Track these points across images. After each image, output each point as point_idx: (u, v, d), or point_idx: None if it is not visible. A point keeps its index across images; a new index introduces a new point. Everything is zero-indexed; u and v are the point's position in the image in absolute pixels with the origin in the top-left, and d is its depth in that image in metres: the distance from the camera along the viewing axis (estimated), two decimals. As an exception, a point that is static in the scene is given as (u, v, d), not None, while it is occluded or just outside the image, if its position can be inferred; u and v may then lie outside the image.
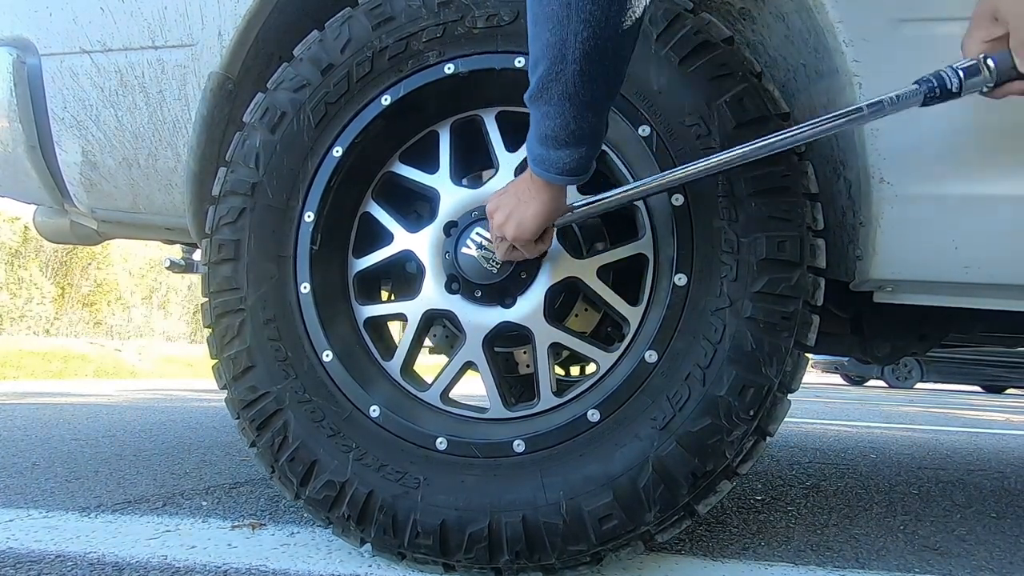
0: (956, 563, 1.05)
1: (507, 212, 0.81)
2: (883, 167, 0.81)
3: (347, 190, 0.98)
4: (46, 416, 2.70)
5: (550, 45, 0.66)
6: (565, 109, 0.69)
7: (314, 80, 0.95)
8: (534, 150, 0.75)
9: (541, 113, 0.71)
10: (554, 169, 0.74)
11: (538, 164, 0.74)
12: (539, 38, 0.67)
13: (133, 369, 7.67)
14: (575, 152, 0.72)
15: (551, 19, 0.64)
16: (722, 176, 0.82)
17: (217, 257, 0.96)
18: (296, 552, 0.97)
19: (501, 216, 0.82)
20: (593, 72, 0.66)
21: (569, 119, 0.70)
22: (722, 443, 0.79)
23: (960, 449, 2.59)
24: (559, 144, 0.72)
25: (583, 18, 0.63)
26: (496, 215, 0.83)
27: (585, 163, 0.74)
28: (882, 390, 9.80)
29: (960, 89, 0.68)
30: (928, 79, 0.70)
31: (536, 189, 0.78)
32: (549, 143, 0.72)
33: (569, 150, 0.72)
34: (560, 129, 0.70)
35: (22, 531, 1.04)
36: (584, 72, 0.66)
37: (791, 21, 0.91)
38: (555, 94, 0.68)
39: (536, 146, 0.74)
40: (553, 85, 0.68)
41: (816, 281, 0.82)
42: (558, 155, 0.73)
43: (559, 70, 0.66)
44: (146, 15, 1.09)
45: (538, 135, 0.73)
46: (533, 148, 0.75)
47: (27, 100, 1.19)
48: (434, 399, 0.96)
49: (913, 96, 0.70)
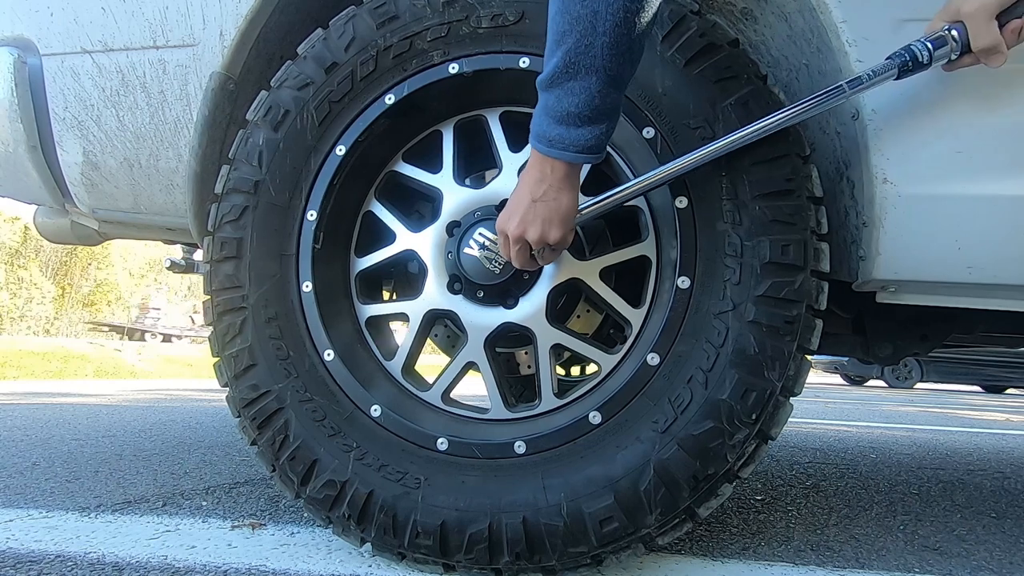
0: (956, 563, 1.05)
1: (528, 217, 0.78)
2: (886, 167, 0.81)
3: (350, 189, 0.98)
4: (46, 416, 2.70)
5: (580, 18, 0.67)
6: (591, 84, 0.70)
7: (318, 78, 0.95)
8: (549, 132, 0.74)
9: (563, 90, 0.71)
10: (574, 148, 0.73)
11: (554, 145, 0.74)
12: (567, 12, 0.68)
13: (133, 369, 7.67)
14: (596, 129, 0.73)
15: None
16: (726, 179, 0.81)
17: (219, 255, 0.96)
18: (296, 552, 0.97)
19: (519, 224, 0.79)
20: (622, 44, 0.69)
21: (594, 94, 0.70)
22: (724, 447, 0.79)
23: (960, 449, 2.59)
24: (581, 121, 0.72)
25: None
26: (511, 226, 0.79)
27: (605, 140, 0.75)
28: (882, 390, 9.81)
29: (930, 60, 0.74)
30: (901, 53, 0.75)
31: (558, 179, 0.76)
32: (571, 121, 0.72)
33: (591, 127, 0.73)
34: (584, 105, 0.71)
35: (22, 531, 1.04)
36: (614, 44, 0.68)
37: (794, 21, 0.91)
38: (582, 68, 0.69)
39: (552, 127, 0.73)
40: (581, 59, 0.69)
41: (819, 285, 0.82)
42: (579, 133, 0.73)
43: (589, 43, 0.68)
44: (147, 15, 1.09)
45: (557, 115, 0.73)
46: (548, 131, 0.74)
47: (28, 100, 1.18)
48: (435, 399, 0.96)
49: (888, 70, 0.75)
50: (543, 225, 0.78)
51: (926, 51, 0.73)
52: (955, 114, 0.80)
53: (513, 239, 0.80)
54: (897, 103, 0.81)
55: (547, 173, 0.77)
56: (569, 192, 0.78)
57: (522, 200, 0.79)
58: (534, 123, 0.76)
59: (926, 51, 0.73)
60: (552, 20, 0.71)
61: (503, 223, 0.81)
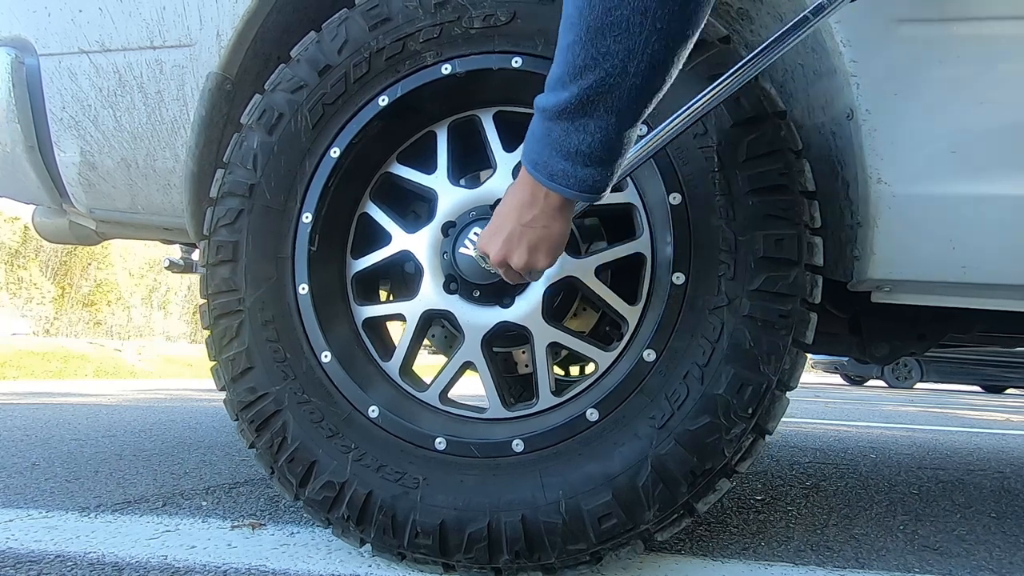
0: (956, 563, 1.05)
1: (513, 241, 0.72)
2: (881, 167, 0.81)
3: (345, 191, 0.98)
4: (46, 416, 2.70)
5: (611, 54, 0.58)
6: (610, 124, 0.62)
7: (311, 81, 0.95)
8: (551, 164, 0.66)
9: (574, 126, 0.63)
10: (578, 187, 0.66)
11: (556, 180, 0.66)
12: (593, 45, 0.59)
13: (133, 369, 7.68)
14: (607, 170, 0.66)
15: (617, 27, 0.57)
16: (719, 175, 0.82)
17: (215, 258, 0.96)
18: (296, 552, 0.97)
19: (502, 247, 0.73)
20: (655, 86, 0.61)
21: (612, 135, 0.63)
22: (721, 441, 0.79)
23: (960, 449, 2.59)
24: (591, 161, 0.64)
25: (660, 28, 0.57)
26: (493, 248, 0.74)
27: (610, 182, 0.68)
28: (882, 390, 9.80)
29: None
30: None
31: (552, 209, 0.70)
32: (580, 159, 0.64)
33: (601, 168, 0.65)
34: (598, 146, 0.63)
35: (22, 531, 1.04)
36: (645, 87, 0.60)
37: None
38: (602, 107, 0.61)
39: (556, 160, 0.65)
40: (603, 99, 0.61)
41: (814, 279, 0.82)
42: (586, 172, 0.65)
43: (616, 83, 0.60)
44: (144, 15, 1.09)
45: (563, 150, 0.64)
46: (549, 162, 0.66)
47: (25, 100, 1.19)
48: (433, 399, 0.96)
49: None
50: (529, 252, 0.72)
51: None
52: (950, 114, 0.80)
53: (495, 262, 0.75)
54: (892, 103, 0.81)
55: (539, 199, 0.70)
56: (563, 222, 0.72)
57: (507, 221, 0.72)
58: (530, 147, 0.68)
59: None
60: (569, 47, 0.61)
61: (485, 243, 0.75)
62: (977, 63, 0.78)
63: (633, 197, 0.91)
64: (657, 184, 0.85)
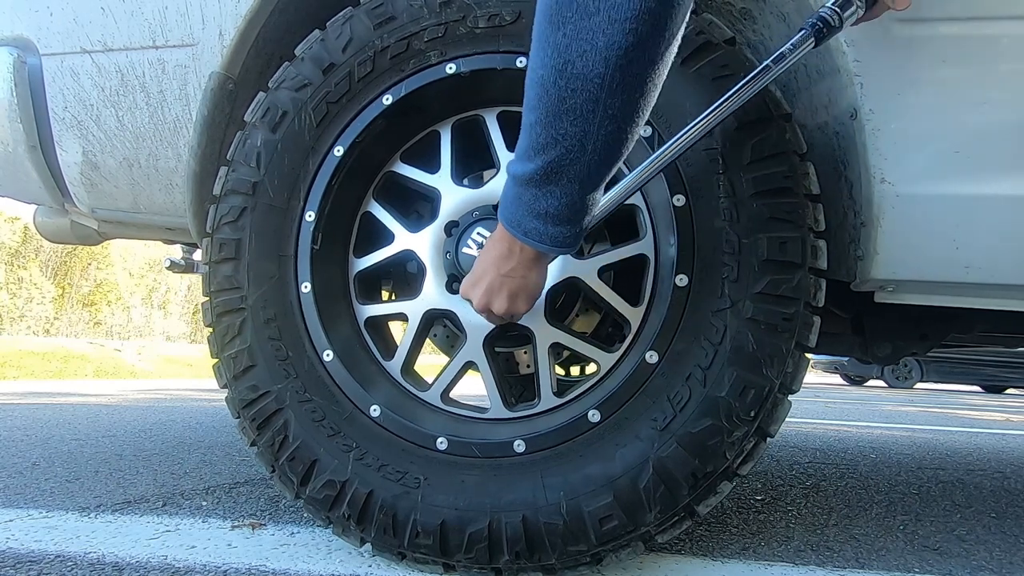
0: (956, 563, 1.05)
1: (493, 290, 0.77)
2: (884, 167, 0.81)
3: (348, 190, 0.98)
4: (46, 416, 2.70)
5: (568, 135, 0.63)
6: (573, 191, 0.67)
7: (316, 79, 0.95)
8: (525, 223, 0.71)
9: (542, 192, 0.68)
10: (551, 242, 0.71)
11: (531, 236, 0.71)
12: (554, 127, 0.64)
13: (133, 369, 7.68)
14: (575, 228, 0.71)
15: (573, 112, 0.62)
16: (723, 177, 0.82)
17: (218, 256, 0.96)
18: (296, 552, 0.97)
19: (483, 295, 0.78)
20: (612, 158, 0.66)
21: (575, 199, 0.68)
22: (722, 444, 0.79)
23: (960, 449, 2.59)
24: (560, 221, 0.69)
25: (611, 114, 0.62)
26: (476, 295, 0.79)
27: (581, 236, 0.73)
28: (882, 390, 9.80)
29: (841, 22, 0.75)
30: (813, 21, 0.75)
31: (528, 260, 0.75)
32: (550, 220, 0.70)
33: (569, 226, 0.70)
34: (565, 208, 0.68)
35: (22, 531, 1.04)
36: (603, 161, 0.65)
37: (792, 21, 0.91)
38: (565, 177, 0.66)
39: (529, 220, 0.70)
40: (566, 171, 0.66)
41: (817, 282, 0.82)
42: (557, 230, 0.70)
43: (576, 158, 0.65)
44: (147, 15, 1.09)
45: (534, 211, 0.69)
46: (523, 221, 0.71)
47: (28, 100, 1.18)
48: (434, 399, 0.96)
49: (806, 40, 0.75)
50: (509, 300, 0.77)
51: (835, 14, 0.74)
52: (953, 114, 0.80)
53: (478, 308, 0.80)
54: (896, 102, 0.81)
55: (516, 252, 0.75)
56: (539, 274, 0.78)
57: (487, 271, 0.78)
58: (505, 206, 0.73)
59: (835, 14, 0.74)
60: (532, 126, 0.66)
61: (467, 289, 0.81)
62: (981, 63, 0.78)
63: (637, 198, 0.91)
64: (661, 186, 0.85)
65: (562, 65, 0.61)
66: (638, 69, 0.60)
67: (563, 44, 0.60)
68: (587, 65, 0.60)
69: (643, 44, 0.59)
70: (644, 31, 0.58)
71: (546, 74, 0.62)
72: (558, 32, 0.60)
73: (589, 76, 0.60)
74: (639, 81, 0.61)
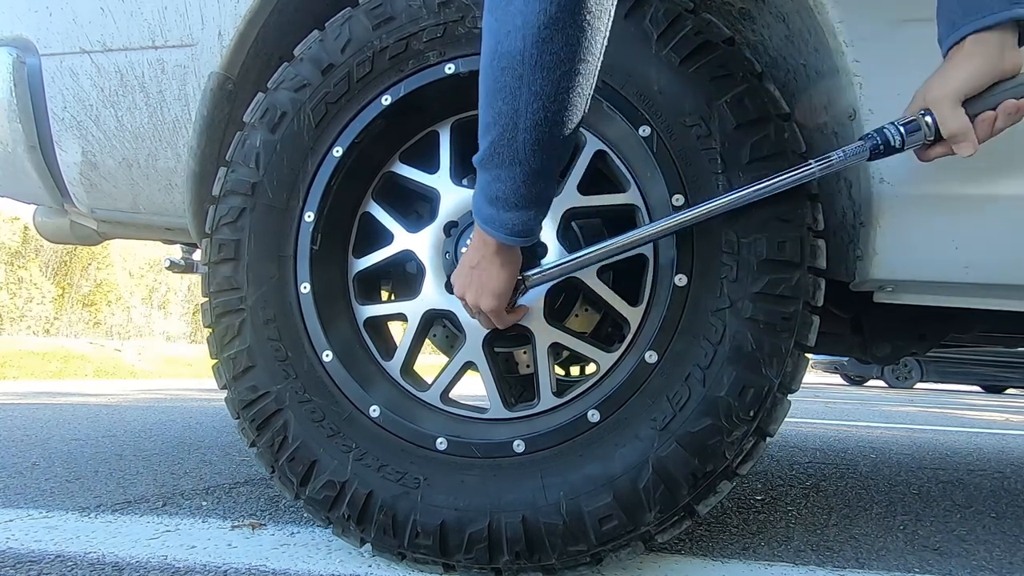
0: (956, 563, 1.05)
1: (467, 281, 0.82)
2: (883, 167, 0.81)
3: (347, 190, 0.98)
4: (46, 416, 2.70)
5: (502, 113, 0.68)
6: (515, 174, 0.71)
7: (314, 80, 0.95)
8: (483, 210, 0.76)
9: (491, 176, 0.73)
10: (504, 229, 0.75)
11: (488, 223, 0.76)
12: (491, 107, 0.69)
13: (133, 369, 7.68)
14: (525, 215, 0.74)
15: (504, 90, 0.67)
16: (722, 177, 0.82)
17: (217, 257, 0.96)
18: (296, 552, 0.97)
19: (460, 286, 0.83)
20: (543, 142, 0.69)
21: (519, 184, 0.72)
22: (722, 444, 0.79)
23: (960, 449, 2.59)
24: (509, 206, 0.74)
25: (534, 91, 0.66)
26: (456, 284, 0.84)
27: (534, 225, 0.76)
28: (882, 390, 9.80)
29: (903, 144, 0.73)
30: (873, 135, 0.74)
31: (491, 253, 0.79)
32: (499, 204, 0.74)
33: (519, 212, 0.74)
34: (510, 192, 0.73)
35: (22, 531, 1.04)
36: (535, 142, 0.69)
37: (791, 21, 0.91)
38: (506, 159, 0.71)
39: (485, 206, 0.75)
40: (505, 151, 0.70)
41: (816, 282, 0.82)
42: (508, 216, 0.74)
43: (511, 137, 0.69)
44: (146, 15, 1.09)
45: (488, 195, 0.74)
46: (482, 208, 0.76)
47: (27, 100, 1.18)
48: (434, 399, 0.96)
49: (860, 152, 0.74)
50: (476, 292, 0.81)
51: (899, 135, 0.72)
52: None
53: (458, 296, 0.85)
54: (895, 103, 0.81)
55: (481, 244, 0.79)
56: (500, 268, 0.79)
57: (464, 264, 0.82)
58: (474, 195, 0.77)
59: (899, 135, 0.72)
60: (481, 107, 0.71)
61: (453, 277, 0.85)
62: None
63: (636, 198, 0.91)
64: (660, 185, 0.85)
65: (494, 46, 0.67)
66: (556, 47, 0.64)
67: (494, 27, 0.67)
68: (511, 43, 0.65)
69: (555, 22, 0.63)
70: (553, 11, 0.62)
71: (484, 58, 0.69)
72: (491, 16, 0.67)
73: (512, 53, 0.65)
74: (559, 60, 0.65)
